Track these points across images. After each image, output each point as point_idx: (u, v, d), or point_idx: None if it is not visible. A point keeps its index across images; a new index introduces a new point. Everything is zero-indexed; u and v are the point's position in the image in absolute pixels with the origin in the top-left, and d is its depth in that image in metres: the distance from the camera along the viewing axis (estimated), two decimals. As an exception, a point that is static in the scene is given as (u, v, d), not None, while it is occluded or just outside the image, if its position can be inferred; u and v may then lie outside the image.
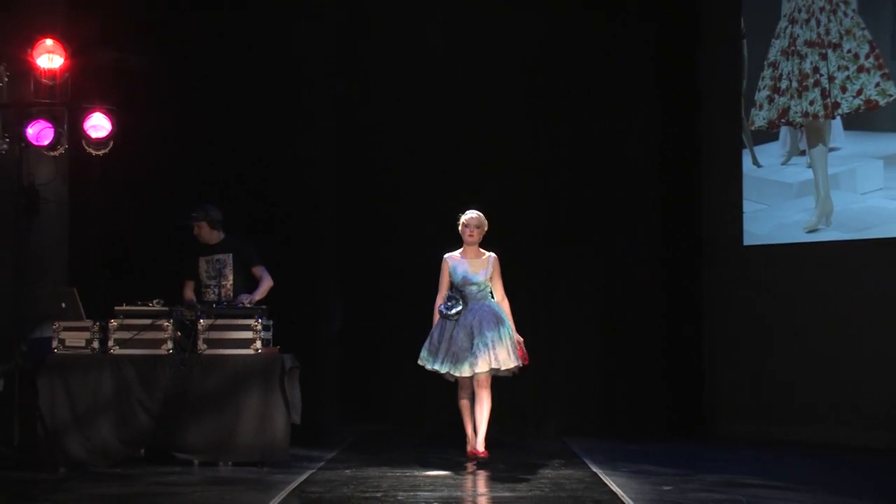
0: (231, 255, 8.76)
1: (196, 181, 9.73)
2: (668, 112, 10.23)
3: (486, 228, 8.37)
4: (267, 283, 8.78)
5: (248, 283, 8.79)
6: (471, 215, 8.39)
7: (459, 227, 8.37)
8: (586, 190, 10.19)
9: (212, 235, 8.79)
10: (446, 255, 8.43)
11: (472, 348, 8.09)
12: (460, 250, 8.43)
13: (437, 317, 8.39)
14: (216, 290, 8.72)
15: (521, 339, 8.26)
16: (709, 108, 10.32)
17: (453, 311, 8.20)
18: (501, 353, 8.07)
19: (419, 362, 8.31)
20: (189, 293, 8.77)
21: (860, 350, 9.18)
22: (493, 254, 8.42)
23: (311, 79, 10.18)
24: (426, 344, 8.34)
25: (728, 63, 10.16)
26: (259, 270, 8.80)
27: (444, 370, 8.18)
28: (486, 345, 8.07)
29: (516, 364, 8.16)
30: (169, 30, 9.86)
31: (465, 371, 8.12)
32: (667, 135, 10.21)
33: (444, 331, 8.27)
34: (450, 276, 8.40)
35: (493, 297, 8.38)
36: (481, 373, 8.08)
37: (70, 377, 8.15)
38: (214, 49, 9.98)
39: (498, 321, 8.19)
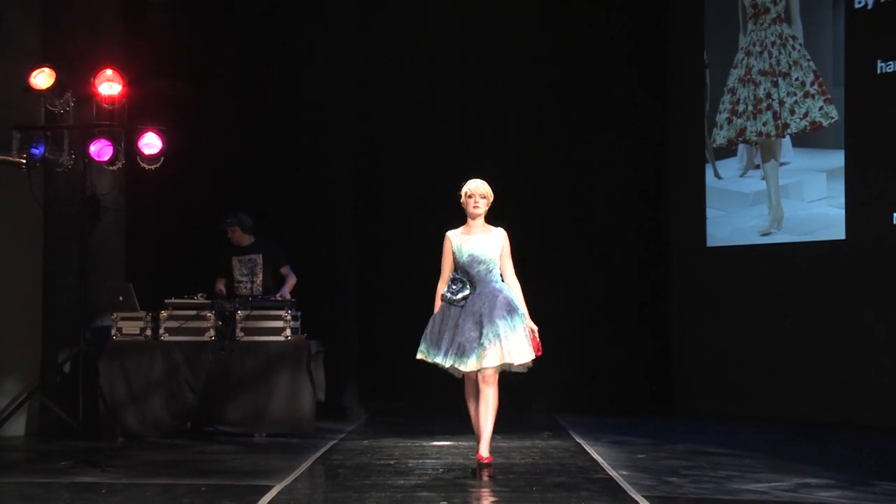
0: (261, 255, 8.79)
1: (233, 191, 9.75)
2: (644, 132, 10.29)
3: (492, 198, 6.50)
4: (292, 280, 8.81)
5: (276, 279, 8.82)
6: (474, 183, 6.49)
7: (462, 199, 6.51)
8: (572, 197, 10.22)
9: (244, 238, 8.83)
10: (449, 233, 6.56)
11: (480, 338, 6.18)
12: (464, 226, 6.56)
13: (438, 304, 6.55)
14: (249, 286, 8.75)
15: (536, 328, 6.37)
16: (677, 128, 10.32)
17: (459, 295, 6.34)
18: (515, 345, 6.17)
19: (419, 356, 6.46)
20: (220, 287, 8.79)
21: (807, 335, 9.18)
22: (501, 229, 6.54)
23: (328, 94, 10.13)
24: (426, 333, 6.46)
25: (693, 89, 10.16)
26: (286, 269, 8.83)
27: (447, 364, 6.28)
28: (497, 335, 6.15)
29: (531, 358, 6.27)
30: (210, 61, 9.90)
31: (471, 365, 6.19)
32: (643, 151, 10.27)
33: (448, 318, 6.36)
34: (454, 255, 6.50)
35: (501, 279, 6.48)
36: (489, 367, 6.20)
37: (127, 360, 8.21)
38: (248, 76, 10.02)
39: (510, 308, 6.27)
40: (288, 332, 8.28)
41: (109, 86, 8.22)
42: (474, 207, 6.46)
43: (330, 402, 8.78)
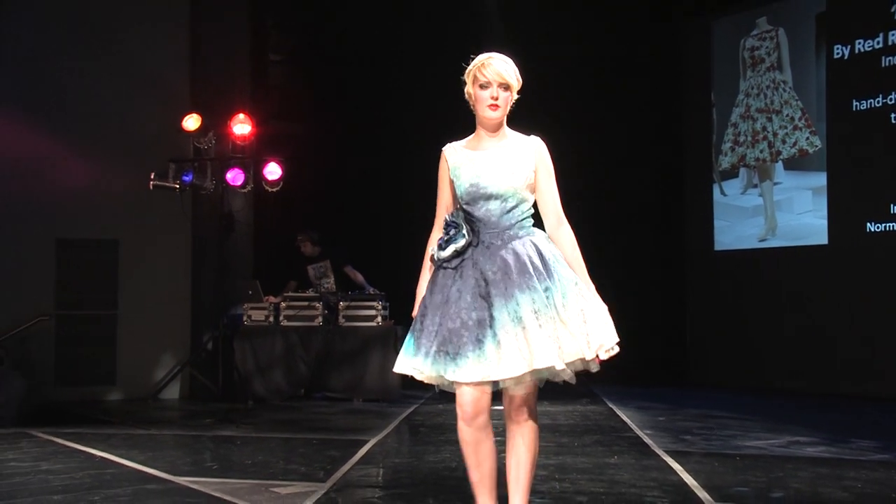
0: (328, 260, 8.73)
1: (335, 206, 9.87)
2: (663, 159, 10.19)
3: (517, 87, 3.14)
4: (359, 275, 8.62)
5: (342, 279, 8.69)
6: (486, 59, 3.10)
7: (468, 91, 3.16)
8: (606, 212, 10.14)
9: (314, 250, 8.75)
10: (446, 148, 3.27)
11: (490, 324, 2.94)
12: (472, 136, 3.24)
13: (426, 271, 3.26)
14: (325, 286, 8.72)
15: (605, 307, 3.36)
16: (690, 155, 10.20)
17: (449, 249, 3.10)
18: (557, 334, 3.06)
19: (399, 369, 3.20)
20: (289, 289, 8.60)
21: (797, 321, 9.01)
22: (536, 138, 3.22)
23: (405, 122, 10.10)
24: (413, 325, 3.24)
25: (703, 124, 10.04)
26: (348, 268, 8.65)
27: (432, 373, 3.05)
28: (518, 319, 2.95)
29: (598, 352, 3.29)
30: (319, 106, 10.03)
31: (470, 372, 2.96)
32: (664, 174, 10.19)
33: (437, 290, 3.11)
34: (451, 183, 3.21)
35: (532, 225, 3.21)
36: (512, 382, 3.05)
37: (255, 341, 8.34)
38: (349, 118, 10.13)
39: (543, 267, 3.07)
40: (379, 319, 8.34)
41: (242, 126, 8.35)
42: (491, 106, 3.07)
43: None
